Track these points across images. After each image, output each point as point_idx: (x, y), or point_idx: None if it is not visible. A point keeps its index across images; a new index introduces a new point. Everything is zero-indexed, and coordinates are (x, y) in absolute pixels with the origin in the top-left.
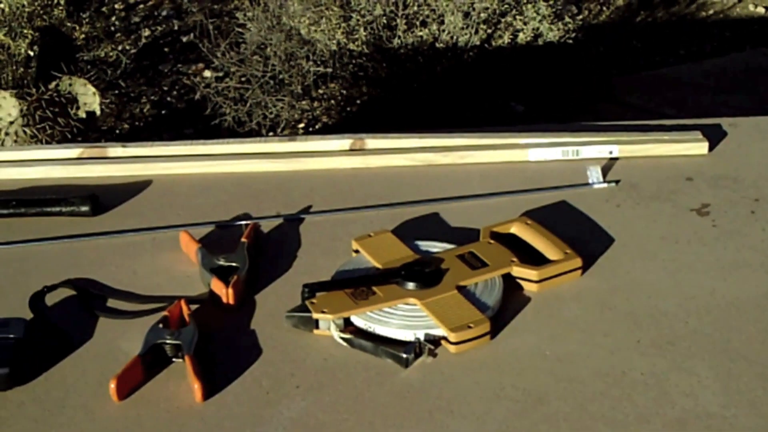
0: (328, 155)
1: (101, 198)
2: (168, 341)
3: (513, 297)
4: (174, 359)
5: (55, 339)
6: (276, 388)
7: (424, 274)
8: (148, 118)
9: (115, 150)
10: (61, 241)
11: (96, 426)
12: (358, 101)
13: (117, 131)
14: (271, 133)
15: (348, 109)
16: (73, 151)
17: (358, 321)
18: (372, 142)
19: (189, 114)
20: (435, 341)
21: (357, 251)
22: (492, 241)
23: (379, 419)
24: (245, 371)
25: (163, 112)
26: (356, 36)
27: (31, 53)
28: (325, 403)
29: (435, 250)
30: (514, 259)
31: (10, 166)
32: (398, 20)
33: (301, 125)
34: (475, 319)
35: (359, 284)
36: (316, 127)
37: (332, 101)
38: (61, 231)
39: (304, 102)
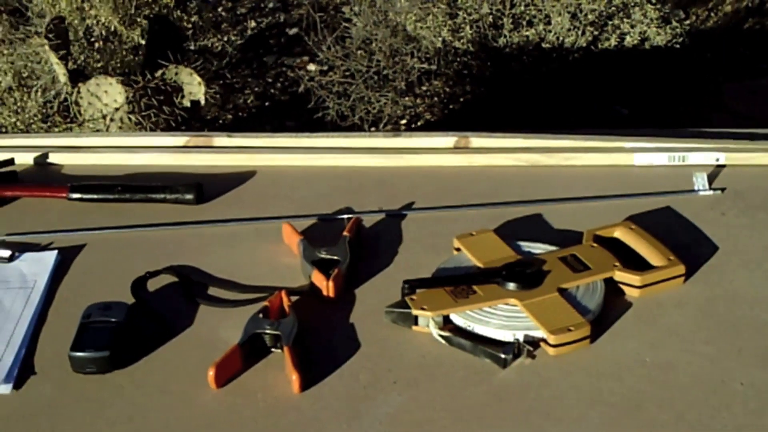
0: (433, 152)
1: (206, 187)
2: (267, 331)
3: (614, 302)
4: (273, 349)
5: (155, 324)
6: (373, 383)
7: (526, 275)
8: (252, 109)
9: (221, 139)
10: (165, 228)
11: (193, 412)
12: (461, 99)
13: (220, 121)
14: (373, 129)
15: (451, 106)
16: (180, 140)
17: (457, 319)
18: (477, 140)
19: (292, 106)
20: (534, 343)
21: (458, 249)
22: (595, 245)
23: (475, 419)
24: (343, 365)
25: (267, 103)
26: (462, 34)
27: (141, 41)
28: (421, 400)
29: (537, 251)
30: (617, 264)
31: (117, 151)
32: (505, 19)
33: (404, 121)
34: (576, 322)
35: (460, 282)
36: (418, 123)
37: (435, 98)
38: (165, 218)
39: (407, 98)
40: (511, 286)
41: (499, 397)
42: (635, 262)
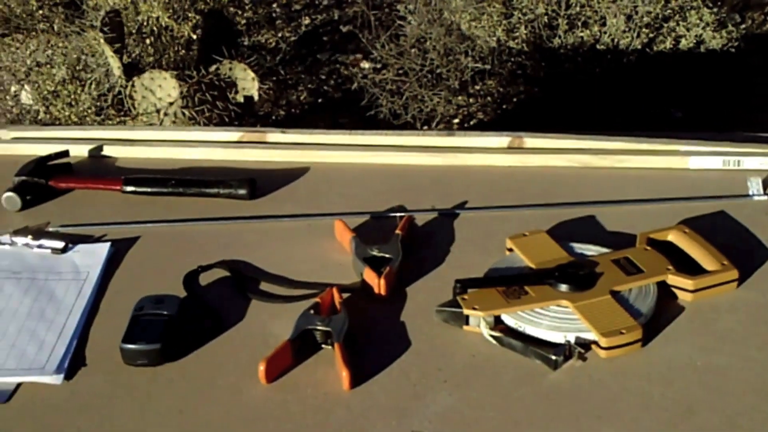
0: (486, 152)
1: (259, 182)
2: (318, 328)
3: (667, 305)
4: (323, 346)
5: (207, 318)
6: (423, 381)
7: (578, 277)
8: (304, 105)
9: (275, 135)
10: (218, 222)
11: (243, 407)
12: (515, 99)
13: (273, 117)
14: (425, 127)
15: (504, 106)
16: (234, 135)
17: (508, 320)
18: (530, 140)
19: (344, 103)
20: (585, 345)
21: (511, 250)
22: (648, 248)
23: (525, 419)
24: (393, 362)
25: (320, 100)
26: (517, 34)
27: (194, 36)
28: (471, 399)
29: (590, 253)
30: (670, 267)
31: (171, 145)
32: (560, 20)
33: (456, 120)
34: (628, 325)
35: (512, 283)
36: (471, 123)
37: (488, 98)
38: (218, 212)
39: (460, 97)
40: (564, 287)
41: (549, 399)
42: (688, 266)
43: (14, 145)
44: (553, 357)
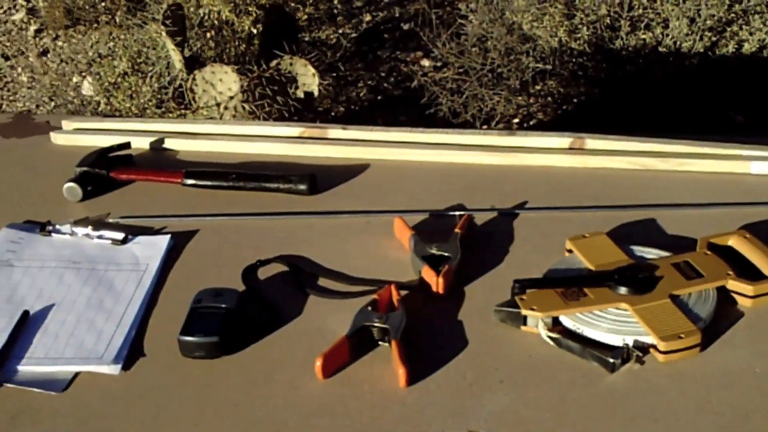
0: (547, 152)
1: (319, 178)
2: (376, 324)
3: (726, 310)
4: (380, 343)
5: (265, 312)
6: (479, 381)
7: (638, 280)
8: (364, 102)
9: (336, 131)
10: (277, 217)
11: (299, 401)
12: (575, 100)
13: (332, 113)
14: (485, 126)
15: (564, 107)
16: (294, 130)
17: (566, 321)
18: (592, 142)
19: (404, 101)
20: (643, 348)
21: (570, 251)
22: (709, 252)
23: (581, 421)
24: (450, 361)
25: (379, 97)
26: (578, 35)
27: (254, 31)
28: (528, 400)
29: (650, 256)
30: (730, 272)
31: (232, 139)
32: (622, 21)
33: (516, 120)
34: (687, 329)
35: (571, 284)
36: (531, 123)
37: (549, 98)
38: (277, 207)
39: (520, 97)
40: (623, 290)
41: (606, 402)
42: (749, 272)
43: (76, 135)
44: (611, 360)
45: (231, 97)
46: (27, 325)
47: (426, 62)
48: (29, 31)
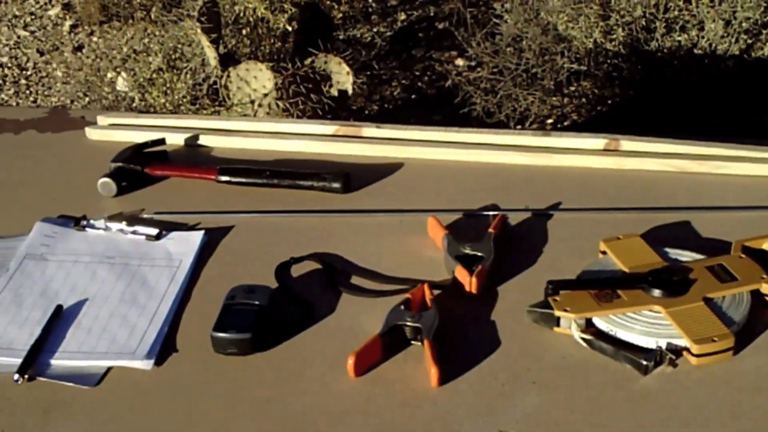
0: (581, 153)
1: (353, 176)
2: (408, 323)
3: (760, 314)
4: (412, 342)
5: (297, 310)
6: (512, 382)
7: (672, 283)
8: (398, 101)
9: (370, 130)
10: (311, 215)
11: (331, 399)
12: (609, 101)
13: (366, 112)
14: (518, 127)
15: (598, 108)
16: (329, 128)
17: (599, 323)
18: (627, 143)
19: (438, 100)
20: (676, 351)
21: (604, 252)
22: (743, 256)
23: (614, 423)
24: (482, 361)
25: (413, 96)
26: (614, 36)
27: (289, 28)
28: (559, 401)
29: (684, 258)
30: (765, 276)
31: (267, 137)
32: (657, 23)
33: (550, 121)
34: (720, 333)
35: (604, 286)
36: (565, 124)
37: (583, 99)
38: (311, 205)
39: (554, 98)
40: (657, 292)
41: (638, 404)
42: None
43: (111, 131)
44: (644, 362)
45: (265, 95)
46: (60, 320)
47: (460, 62)
48: (64, 27)
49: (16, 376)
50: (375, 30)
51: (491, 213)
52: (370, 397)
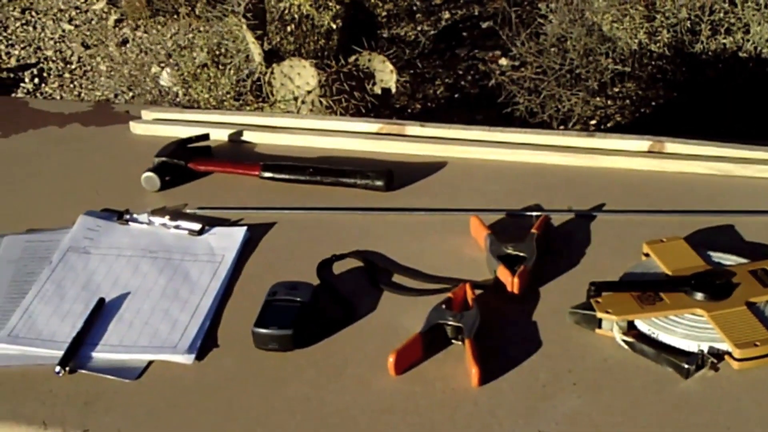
0: (625, 155)
1: (396, 174)
2: (450, 323)
3: None
4: (453, 341)
5: (339, 307)
6: (552, 383)
7: (715, 286)
8: (441, 100)
9: (413, 128)
10: (354, 212)
11: (370, 397)
12: (653, 103)
13: (409, 110)
14: (561, 127)
15: (642, 110)
16: (373, 126)
17: (641, 325)
18: (671, 146)
19: (480, 100)
20: (718, 355)
21: (647, 255)
22: None
23: (655, 427)
24: (523, 362)
25: (456, 95)
26: (658, 37)
27: (334, 26)
28: (601, 403)
29: (727, 262)
30: None
31: (310, 134)
32: (702, 25)
33: (593, 122)
34: (762, 337)
35: (647, 288)
36: (608, 125)
37: (627, 101)
38: (353, 202)
39: (598, 99)
40: (699, 296)
41: (679, 408)
42: None
43: (155, 125)
44: (686, 365)
45: (308, 92)
46: (102, 313)
47: (504, 61)
48: (109, 21)
49: (58, 368)
50: (419, 28)
51: (534, 213)
52: (410, 396)
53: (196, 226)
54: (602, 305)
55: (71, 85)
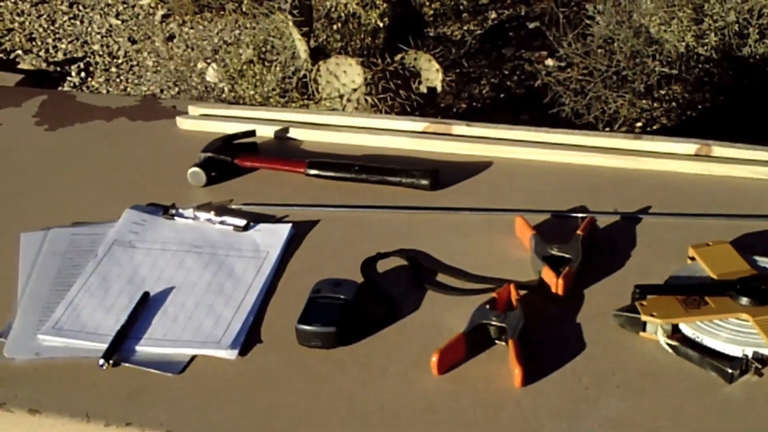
0: (671, 158)
1: (441, 173)
2: (493, 323)
3: None
4: (497, 341)
5: (382, 305)
6: (596, 385)
7: (760, 291)
8: (486, 99)
9: (459, 128)
10: (399, 211)
11: (413, 396)
12: (699, 106)
13: (454, 110)
14: (607, 129)
15: (688, 113)
16: (419, 125)
17: (686, 329)
18: (718, 149)
19: (526, 100)
20: (763, 360)
21: (693, 258)
22: None
23: (698, 431)
24: (566, 363)
25: (501, 95)
26: (706, 40)
27: (380, 24)
28: (644, 407)
29: None
30: None
31: (356, 132)
32: (751, 29)
33: (639, 124)
34: None
35: (692, 292)
36: (654, 127)
37: (673, 103)
38: (398, 201)
39: (644, 101)
40: (744, 300)
41: (723, 412)
42: None
43: (201, 121)
44: (730, 370)
45: (354, 90)
46: (147, 307)
47: (550, 62)
48: (156, 16)
49: (102, 361)
50: (465, 28)
51: (580, 215)
52: (452, 396)
53: (241, 222)
54: (647, 308)
55: (117, 80)
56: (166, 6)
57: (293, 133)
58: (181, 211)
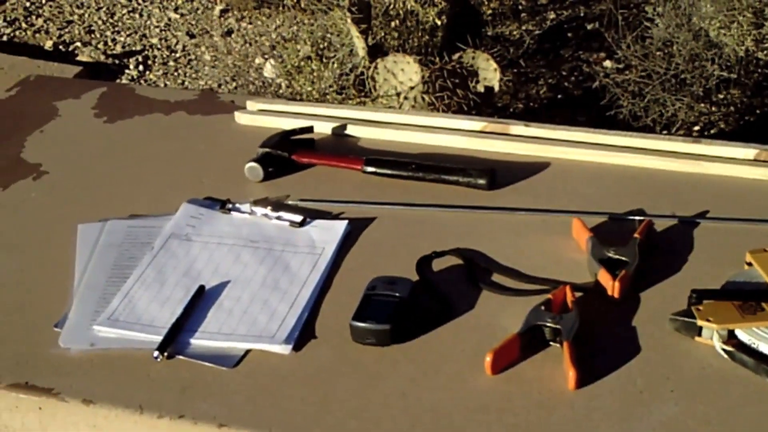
0: (730, 162)
1: (499, 173)
2: (548, 324)
3: None
4: (551, 343)
5: (437, 304)
6: (650, 389)
7: None
8: (543, 100)
9: (518, 128)
10: (455, 210)
11: (466, 395)
12: (758, 111)
13: (511, 109)
14: (664, 132)
15: (746, 117)
16: (476, 124)
17: (742, 335)
18: None
19: (583, 101)
20: None
21: (750, 264)
22: None
23: None
24: (621, 366)
25: (559, 96)
26: (766, 45)
27: (438, 22)
28: (697, 412)
29: None
30: None
31: (413, 130)
32: None
33: (696, 128)
34: None
35: (749, 298)
36: (711, 131)
37: (731, 108)
38: (455, 200)
39: (702, 105)
40: None
41: None
42: None
43: (259, 116)
44: None
45: (411, 88)
46: (202, 300)
47: (608, 63)
48: (215, 11)
49: (156, 353)
50: (524, 28)
51: (637, 218)
52: (506, 396)
53: (298, 218)
54: (703, 313)
55: (175, 74)
56: (224, 1)
57: (350, 130)
58: (237, 205)
